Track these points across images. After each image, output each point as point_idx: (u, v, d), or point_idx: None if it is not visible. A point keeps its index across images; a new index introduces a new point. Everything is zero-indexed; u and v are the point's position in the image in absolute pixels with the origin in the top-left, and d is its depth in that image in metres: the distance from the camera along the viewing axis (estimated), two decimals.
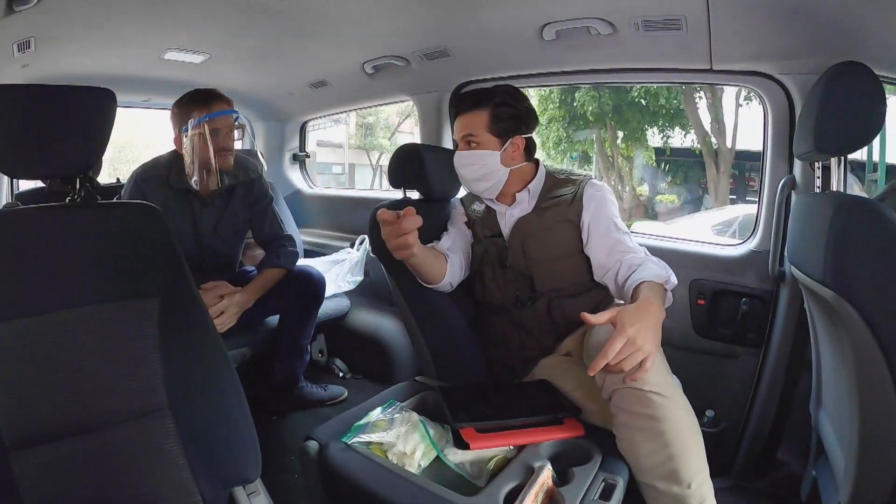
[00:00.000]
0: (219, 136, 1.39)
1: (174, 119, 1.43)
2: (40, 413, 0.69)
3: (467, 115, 1.14)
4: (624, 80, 1.55)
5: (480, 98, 1.14)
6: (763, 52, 1.18)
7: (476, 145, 1.14)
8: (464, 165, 1.16)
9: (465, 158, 1.16)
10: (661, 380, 0.84)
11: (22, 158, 0.75)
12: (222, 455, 0.79)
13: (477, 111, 1.13)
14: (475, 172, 1.15)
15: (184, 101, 1.41)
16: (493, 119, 1.12)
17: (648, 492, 0.83)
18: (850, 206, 0.78)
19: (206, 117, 1.37)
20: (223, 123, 1.40)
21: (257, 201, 1.57)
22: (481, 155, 1.14)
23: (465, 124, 1.15)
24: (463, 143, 1.16)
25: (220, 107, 1.40)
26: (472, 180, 1.16)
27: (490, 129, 1.13)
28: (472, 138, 1.14)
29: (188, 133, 1.38)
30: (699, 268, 1.39)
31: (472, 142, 1.14)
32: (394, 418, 0.94)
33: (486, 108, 1.12)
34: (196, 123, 1.37)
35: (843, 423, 0.89)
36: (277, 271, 1.53)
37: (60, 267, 0.73)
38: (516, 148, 1.15)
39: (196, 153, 1.37)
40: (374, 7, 1.35)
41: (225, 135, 1.40)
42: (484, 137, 1.13)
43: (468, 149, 1.15)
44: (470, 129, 1.14)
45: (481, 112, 1.13)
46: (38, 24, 1.36)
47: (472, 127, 1.14)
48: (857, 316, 0.74)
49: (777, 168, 1.28)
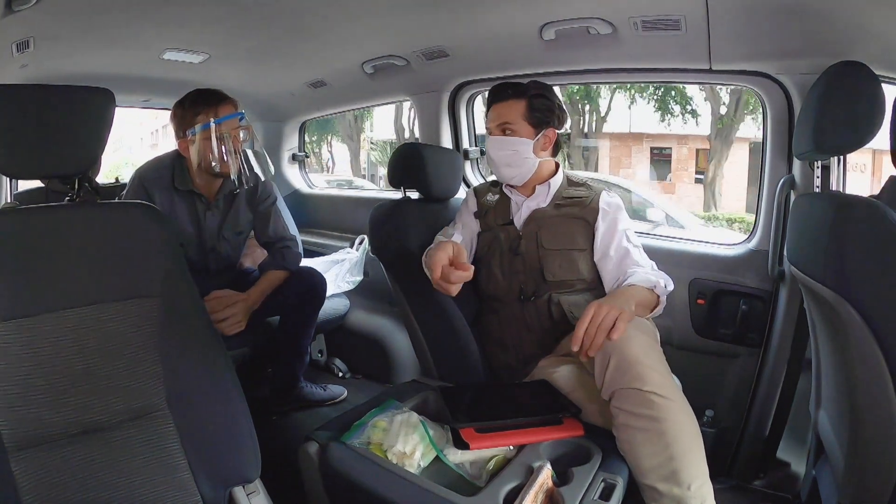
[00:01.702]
0: (226, 140, 1.35)
1: (176, 120, 1.38)
2: (40, 413, 0.69)
3: (504, 104, 1.18)
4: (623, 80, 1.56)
5: (518, 89, 1.18)
6: (762, 52, 1.18)
7: (511, 133, 1.17)
8: (497, 150, 1.18)
9: (499, 143, 1.18)
10: (662, 381, 0.84)
11: (21, 158, 0.75)
12: (222, 455, 0.79)
13: (514, 100, 1.17)
14: (508, 158, 1.18)
15: (187, 102, 1.37)
16: (530, 109, 1.17)
17: (649, 493, 0.83)
18: (849, 206, 0.78)
19: (215, 122, 1.33)
20: (230, 127, 1.36)
21: (261, 202, 1.56)
22: (516, 142, 1.17)
23: (501, 112, 1.18)
24: (497, 131, 1.18)
25: (228, 109, 1.36)
26: (504, 165, 1.19)
27: (526, 118, 1.17)
28: (508, 125, 1.17)
29: (194, 137, 1.34)
30: (699, 267, 1.39)
31: (507, 129, 1.17)
32: (394, 418, 0.94)
33: (524, 98, 1.17)
34: (204, 128, 1.33)
35: (842, 422, 0.89)
36: (281, 273, 1.52)
37: (60, 267, 0.73)
38: (548, 140, 1.19)
39: (203, 158, 1.34)
40: (373, 7, 1.34)
41: (233, 138, 1.36)
42: (520, 126, 1.17)
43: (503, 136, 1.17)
44: (506, 118, 1.17)
45: (518, 101, 1.17)
46: (37, 24, 1.35)
47: (508, 115, 1.17)
48: (857, 316, 0.74)
49: (776, 168, 1.28)
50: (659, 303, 1.08)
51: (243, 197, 1.53)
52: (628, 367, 0.85)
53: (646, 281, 1.06)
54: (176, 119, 1.39)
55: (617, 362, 0.86)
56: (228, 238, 1.53)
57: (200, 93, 1.38)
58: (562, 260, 1.14)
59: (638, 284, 1.06)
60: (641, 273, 1.09)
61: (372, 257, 1.93)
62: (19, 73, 1.60)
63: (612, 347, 0.87)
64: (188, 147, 1.37)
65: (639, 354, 0.86)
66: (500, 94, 1.19)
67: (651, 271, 1.12)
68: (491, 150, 1.20)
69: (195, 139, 1.34)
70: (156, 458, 0.75)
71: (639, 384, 0.83)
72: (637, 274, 1.09)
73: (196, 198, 1.45)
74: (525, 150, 1.17)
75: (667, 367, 0.89)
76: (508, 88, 1.19)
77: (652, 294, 1.06)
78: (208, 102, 1.35)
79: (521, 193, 1.24)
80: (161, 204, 1.38)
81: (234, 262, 1.62)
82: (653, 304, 1.07)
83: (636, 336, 0.89)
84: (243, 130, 1.39)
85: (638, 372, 0.84)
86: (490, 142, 1.20)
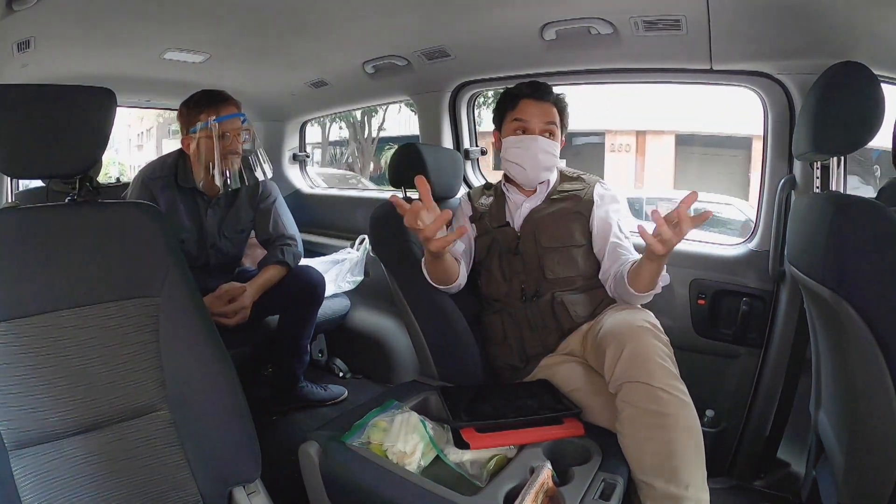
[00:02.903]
0: (226, 139, 1.39)
1: (181, 119, 1.44)
2: (40, 412, 0.69)
3: (547, 105, 1.18)
4: (624, 80, 1.55)
5: (553, 95, 1.20)
6: (762, 52, 1.18)
7: (551, 136, 1.18)
8: (544, 152, 1.18)
9: (548, 146, 1.18)
10: (671, 380, 0.85)
11: (22, 158, 0.75)
12: (222, 455, 0.79)
13: (551, 104, 1.19)
14: (549, 161, 1.19)
15: (192, 101, 1.42)
16: (563, 116, 1.20)
17: (646, 490, 0.83)
18: (849, 206, 0.78)
19: (215, 120, 1.37)
20: (231, 127, 1.40)
21: (262, 200, 1.59)
22: (557, 146, 1.19)
23: (546, 111, 1.18)
24: (541, 131, 1.17)
25: (229, 110, 1.40)
26: (543, 168, 1.19)
27: (560, 124, 1.20)
28: (553, 128, 1.18)
29: (196, 135, 1.38)
30: (699, 268, 1.38)
31: (551, 131, 1.18)
32: (394, 418, 0.94)
33: (557, 106, 1.19)
34: (204, 126, 1.37)
35: (842, 423, 0.89)
36: (281, 268, 1.53)
37: (60, 267, 0.73)
38: (563, 144, 1.22)
39: (203, 155, 1.38)
40: (374, 7, 1.34)
41: (233, 138, 1.40)
42: (558, 130, 1.19)
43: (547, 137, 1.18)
44: (552, 118, 1.18)
45: (553, 106, 1.19)
46: (38, 24, 1.35)
47: (553, 116, 1.18)
48: (857, 316, 0.74)
49: (776, 168, 1.28)
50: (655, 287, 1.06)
51: (244, 195, 1.54)
52: (641, 362, 0.85)
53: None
54: (181, 117, 1.43)
55: (630, 355, 0.87)
56: (229, 236, 1.54)
57: (206, 93, 1.42)
58: (560, 257, 1.15)
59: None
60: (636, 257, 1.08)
61: (372, 257, 1.93)
62: (20, 73, 1.60)
63: (627, 340, 0.88)
64: (191, 144, 1.41)
65: (652, 351, 0.87)
66: (546, 92, 1.19)
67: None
68: (534, 150, 1.16)
69: (197, 136, 1.38)
70: (156, 457, 0.75)
71: (649, 379, 0.83)
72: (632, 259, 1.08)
73: (198, 195, 1.47)
74: (558, 153, 1.19)
75: (677, 368, 0.90)
76: (549, 89, 1.20)
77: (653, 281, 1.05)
78: (212, 102, 1.39)
79: (522, 193, 1.24)
80: (163, 201, 1.41)
81: (234, 259, 1.63)
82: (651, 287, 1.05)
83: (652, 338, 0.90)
84: (244, 132, 1.43)
85: (649, 368, 0.85)
86: (537, 141, 1.16)
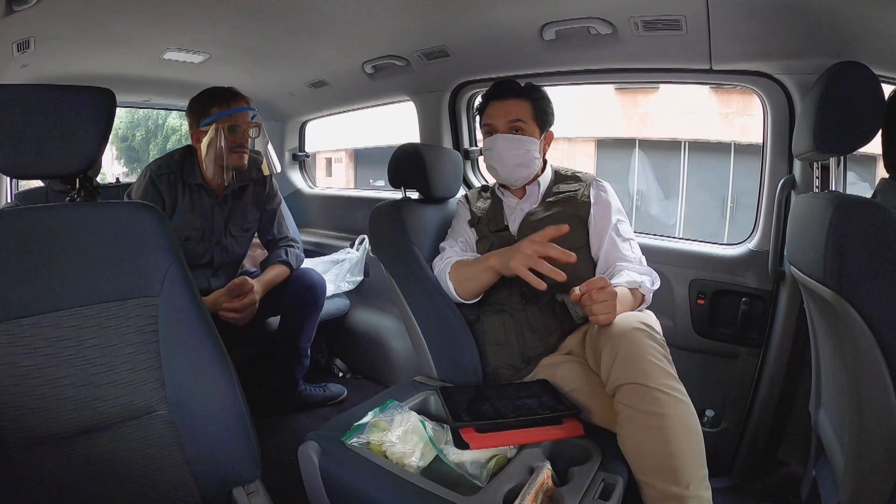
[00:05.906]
0: (235, 133, 1.40)
1: (192, 113, 1.44)
2: (40, 413, 0.69)
3: (513, 102, 1.16)
4: (624, 80, 1.55)
5: (522, 89, 1.18)
6: (762, 52, 1.18)
7: (521, 131, 1.16)
8: (508, 149, 1.16)
9: (510, 142, 1.16)
10: (668, 379, 0.84)
11: (22, 158, 0.75)
12: (222, 455, 0.79)
13: (522, 100, 1.16)
14: (520, 158, 1.16)
15: (204, 95, 1.43)
16: (536, 110, 1.17)
17: (647, 490, 0.83)
18: (849, 206, 0.78)
19: (225, 113, 1.39)
20: (241, 120, 1.41)
21: (268, 201, 1.60)
22: (527, 141, 1.16)
23: (510, 110, 1.16)
24: (506, 128, 1.16)
25: (240, 104, 1.42)
26: (514, 165, 1.17)
27: (534, 118, 1.16)
28: (520, 124, 1.16)
29: (206, 127, 1.40)
30: (699, 268, 1.39)
31: (518, 127, 1.16)
32: (393, 418, 0.94)
33: (529, 100, 1.17)
34: (214, 119, 1.39)
35: (842, 423, 0.89)
36: (284, 268, 1.54)
37: (61, 267, 0.73)
38: (547, 141, 1.20)
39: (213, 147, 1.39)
40: (374, 7, 1.34)
41: (242, 132, 1.42)
42: (529, 125, 1.16)
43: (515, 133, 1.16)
44: (518, 115, 1.16)
45: (525, 101, 1.16)
46: (37, 24, 1.36)
47: (519, 113, 1.16)
48: (857, 316, 0.74)
49: (776, 168, 1.28)
50: (644, 300, 1.08)
51: (251, 194, 1.55)
52: (636, 363, 0.85)
53: (630, 282, 1.06)
54: (192, 111, 1.44)
55: (625, 356, 0.86)
56: (235, 234, 1.55)
57: (217, 88, 1.44)
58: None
59: (622, 285, 1.04)
60: (627, 273, 1.08)
61: (372, 257, 1.93)
62: (20, 73, 1.60)
63: (622, 341, 0.87)
64: (200, 138, 1.42)
65: (648, 352, 0.86)
66: (508, 90, 1.18)
67: (638, 266, 1.12)
68: (502, 148, 1.16)
69: (208, 130, 1.39)
70: (155, 458, 0.75)
71: (645, 380, 0.83)
72: (623, 273, 1.08)
73: (205, 192, 1.47)
74: (534, 150, 1.17)
75: (674, 368, 0.90)
76: (513, 87, 1.18)
77: (636, 293, 1.06)
78: (223, 97, 1.41)
79: (515, 195, 1.23)
80: (169, 197, 1.41)
81: (238, 258, 1.63)
82: (636, 304, 1.07)
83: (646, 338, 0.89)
84: (253, 128, 1.45)
85: (645, 368, 0.84)
86: (499, 140, 1.16)
